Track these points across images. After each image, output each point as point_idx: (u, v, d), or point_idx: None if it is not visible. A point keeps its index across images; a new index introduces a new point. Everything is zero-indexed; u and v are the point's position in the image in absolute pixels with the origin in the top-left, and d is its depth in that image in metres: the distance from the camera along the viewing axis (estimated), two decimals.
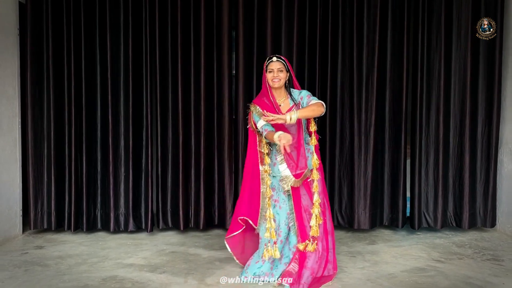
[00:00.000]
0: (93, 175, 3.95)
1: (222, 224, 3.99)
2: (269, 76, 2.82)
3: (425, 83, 3.91)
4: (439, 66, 3.90)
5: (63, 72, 3.85)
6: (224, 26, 3.88)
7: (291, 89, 2.91)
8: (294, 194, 2.83)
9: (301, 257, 2.79)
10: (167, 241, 3.77)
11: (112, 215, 3.89)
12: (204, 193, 3.94)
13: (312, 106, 2.72)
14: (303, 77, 3.90)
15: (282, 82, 2.82)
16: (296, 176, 2.78)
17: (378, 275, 2.95)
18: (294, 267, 2.80)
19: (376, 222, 3.98)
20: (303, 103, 2.83)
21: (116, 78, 3.88)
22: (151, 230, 3.91)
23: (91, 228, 3.94)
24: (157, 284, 2.79)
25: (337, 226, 4.04)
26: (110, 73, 3.86)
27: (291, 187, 2.81)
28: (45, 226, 3.92)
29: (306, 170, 2.80)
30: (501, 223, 4.00)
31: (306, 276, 2.72)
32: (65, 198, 3.90)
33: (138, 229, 3.96)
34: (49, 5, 3.82)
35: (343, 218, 4.01)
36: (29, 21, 3.82)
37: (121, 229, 3.92)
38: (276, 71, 2.79)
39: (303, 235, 2.79)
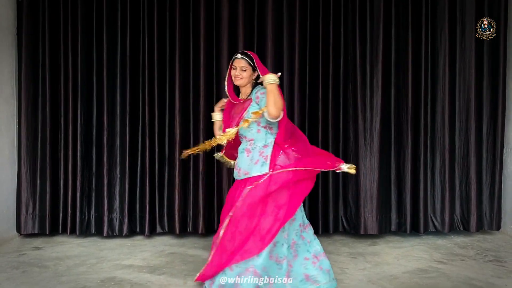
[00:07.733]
0: (88, 176, 3.88)
1: None
2: (232, 73, 2.63)
3: (430, 83, 3.87)
4: (443, 66, 3.86)
5: (59, 71, 3.81)
6: (224, 25, 3.83)
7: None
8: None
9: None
10: (166, 242, 3.74)
11: (105, 218, 3.78)
12: (204, 196, 3.83)
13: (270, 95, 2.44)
14: (304, 76, 3.85)
15: (245, 81, 2.61)
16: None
17: (380, 276, 2.93)
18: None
19: (383, 228, 3.82)
20: (261, 102, 2.54)
21: (113, 77, 3.82)
22: (148, 234, 3.82)
23: (84, 232, 3.86)
24: (156, 285, 2.78)
25: (342, 231, 3.94)
26: (106, 72, 3.80)
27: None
28: (37, 231, 3.79)
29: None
30: (505, 224, 3.96)
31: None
32: (60, 201, 3.82)
33: (133, 233, 3.86)
34: (46, 3, 3.78)
35: (348, 223, 3.89)
36: (25, 19, 3.77)
37: (115, 234, 3.80)
38: (239, 69, 2.59)
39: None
